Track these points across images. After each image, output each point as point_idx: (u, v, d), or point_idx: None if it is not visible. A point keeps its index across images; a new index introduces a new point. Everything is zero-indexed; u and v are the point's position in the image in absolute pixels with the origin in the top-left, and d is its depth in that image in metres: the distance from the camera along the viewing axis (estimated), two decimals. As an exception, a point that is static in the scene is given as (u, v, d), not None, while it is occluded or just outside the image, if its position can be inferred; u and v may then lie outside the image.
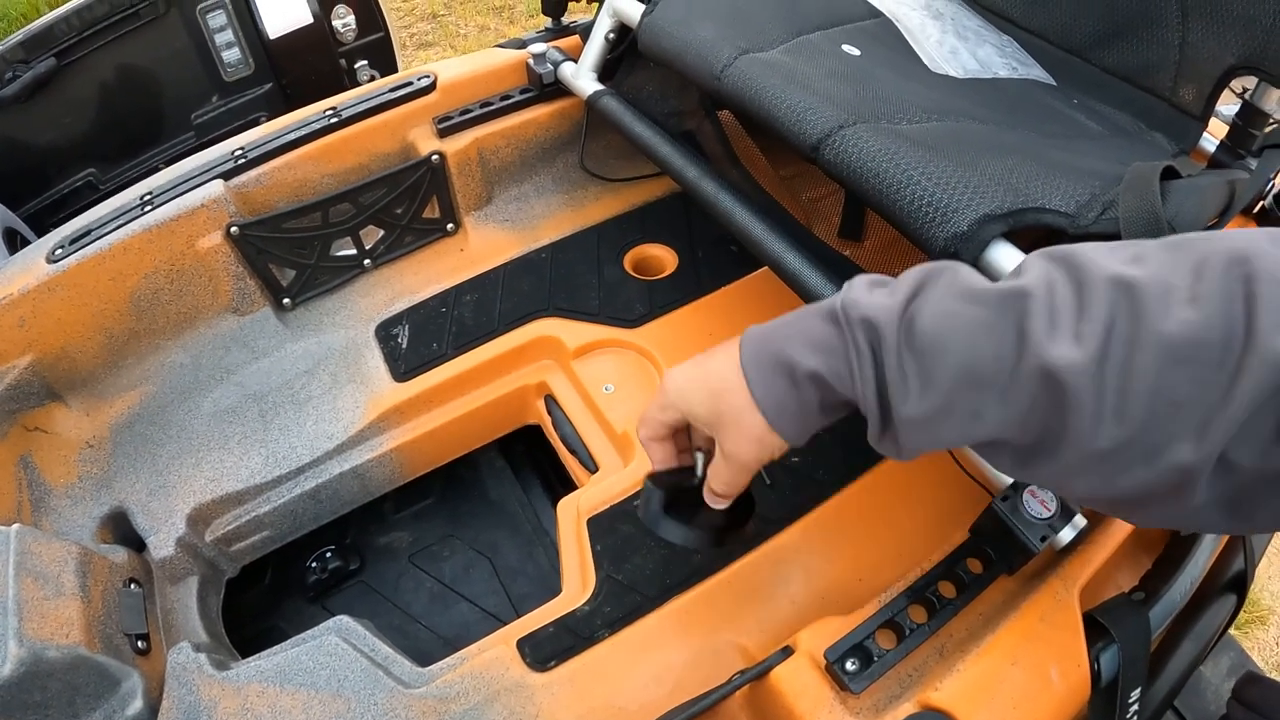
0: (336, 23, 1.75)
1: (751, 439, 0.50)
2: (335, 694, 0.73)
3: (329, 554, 1.13)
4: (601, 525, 0.85)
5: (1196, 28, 0.86)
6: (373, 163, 1.15)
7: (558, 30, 1.30)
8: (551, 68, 1.19)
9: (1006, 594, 0.73)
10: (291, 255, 1.09)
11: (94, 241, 0.98)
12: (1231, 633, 1.19)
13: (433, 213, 1.18)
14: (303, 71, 1.75)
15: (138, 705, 0.73)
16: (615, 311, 1.07)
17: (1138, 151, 0.86)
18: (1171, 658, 0.74)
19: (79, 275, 0.96)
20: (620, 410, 0.96)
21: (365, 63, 1.83)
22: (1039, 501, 0.70)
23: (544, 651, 0.75)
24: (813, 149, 0.81)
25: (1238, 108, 0.89)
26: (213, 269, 1.04)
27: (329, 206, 1.08)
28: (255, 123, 1.69)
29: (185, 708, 0.73)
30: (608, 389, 0.99)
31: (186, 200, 1.01)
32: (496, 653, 0.75)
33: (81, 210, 1.08)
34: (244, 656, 0.80)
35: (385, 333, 1.07)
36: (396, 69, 1.89)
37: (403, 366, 1.02)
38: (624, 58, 1.18)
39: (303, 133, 1.10)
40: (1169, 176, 0.70)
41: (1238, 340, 0.32)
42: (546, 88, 1.20)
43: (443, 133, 1.15)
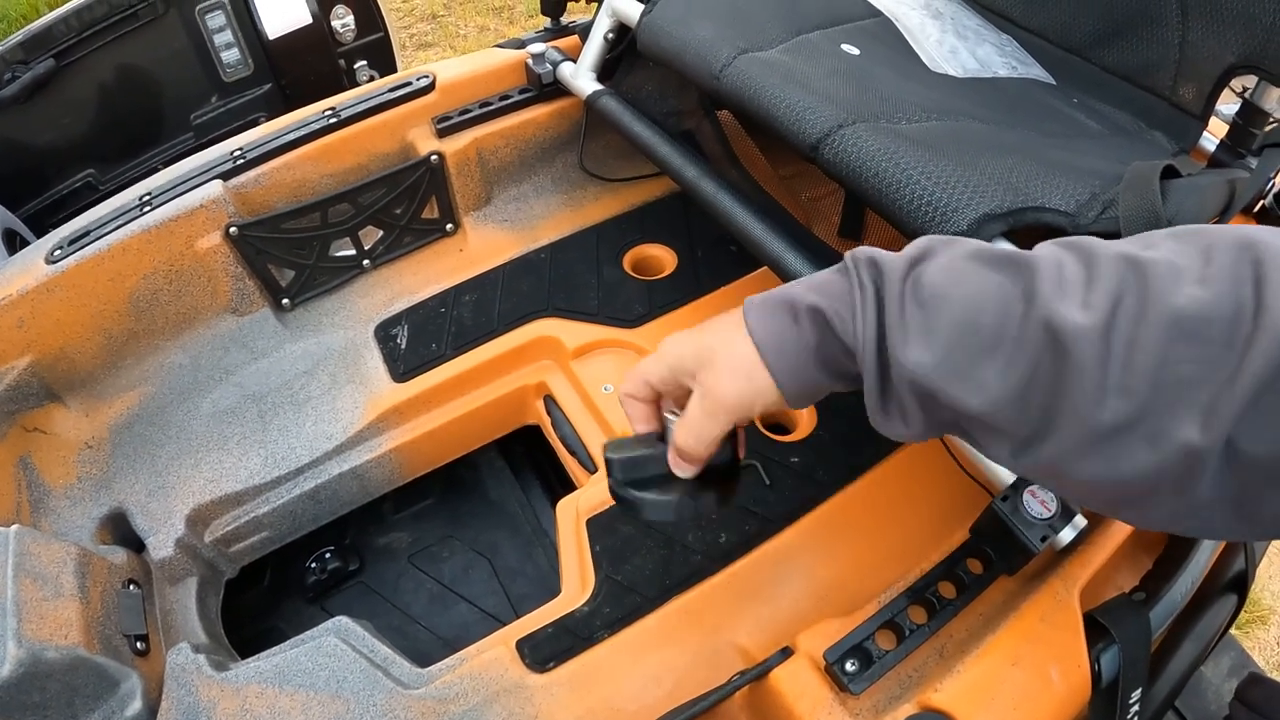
0: (336, 23, 1.75)
1: (737, 373, 0.46)
2: (334, 695, 0.73)
3: (328, 555, 1.13)
4: (601, 526, 0.85)
5: (1196, 26, 0.86)
6: (372, 163, 1.15)
7: (557, 30, 1.30)
8: (550, 68, 1.18)
9: (1007, 594, 0.73)
10: (290, 256, 1.09)
11: (93, 242, 0.98)
12: (1232, 633, 1.19)
13: (432, 213, 1.18)
14: (302, 72, 1.75)
15: (136, 706, 0.72)
16: (614, 312, 1.07)
17: (1138, 150, 0.86)
18: (1172, 658, 0.73)
19: (78, 276, 0.96)
20: (620, 411, 0.96)
21: (364, 63, 1.83)
22: (1039, 501, 0.69)
23: (543, 652, 0.75)
24: (812, 148, 0.81)
25: (1238, 107, 0.89)
26: (212, 269, 1.04)
27: (328, 207, 1.08)
28: (254, 123, 1.69)
29: (184, 709, 0.73)
30: (607, 389, 0.99)
31: (185, 201, 1.01)
32: (496, 653, 0.75)
33: (80, 211, 1.08)
34: (243, 657, 0.80)
35: (384, 333, 1.07)
36: (396, 69, 1.89)
37: (402, 367, 1.02)
38: (623, 57, 1.18)
39: (302, 133, 1.10)
40: (1169, 175, 0.70)
41: (1246, 318, 0.32)
42: (545, 88, 1.20)
43: (442, 133, 1.15)
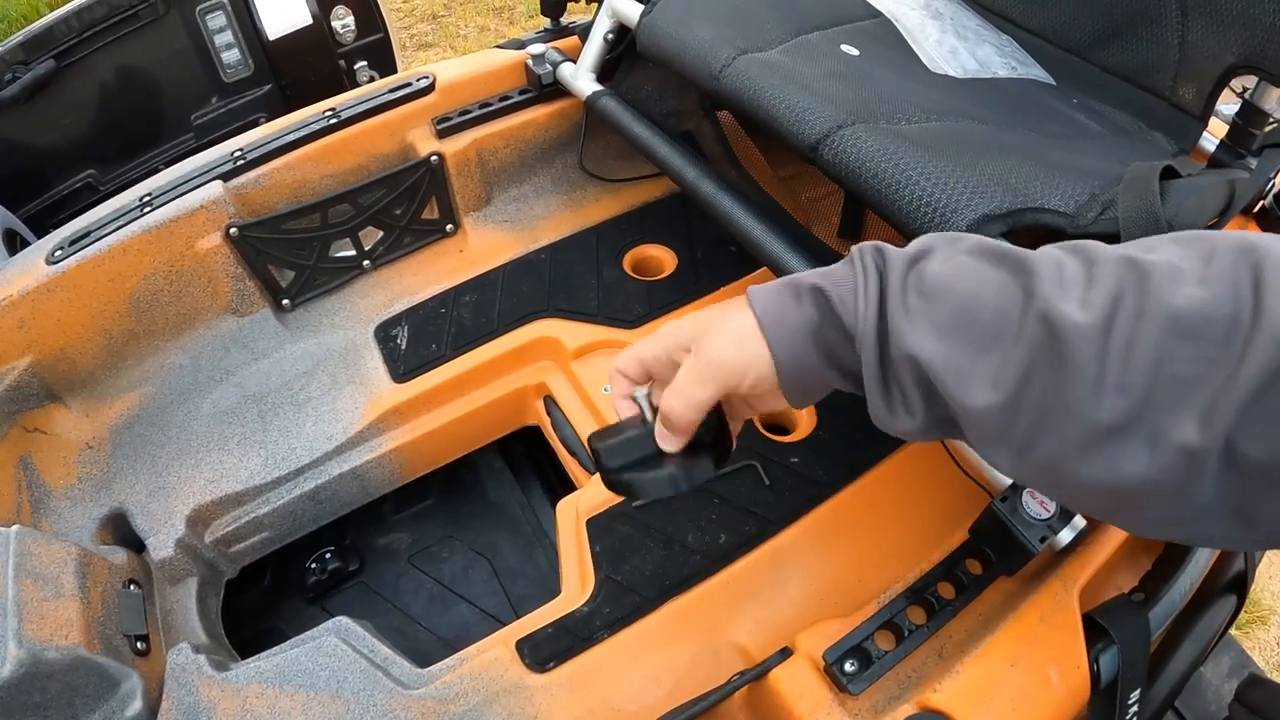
0: (336, 24, 1.75)
1: (731, 337, 0.46)
2: (334, 695, 0.73)
3: (328, 555, 1.13)
4: (601, 526, 0.85)
5: (1196, 27, 0.86)
6: (372, 164, 1.15)
7: (557, 31, 1.30)
8: (550, 68, 1.18)
9: (1006, 595, 0.73)
10: (291, 256, 1.09)
11: (93, 243, 0.98)
12: (1232, 633, 1.19)
13: (432, 213, 1.18)
14: (302, 72, 1.75)
15: (137, 706, 0.73)
16: (614, 312, 1.07)
17: (1137, 151, 0.86)
18: (1172, 659, 0.74)
19: (78, 277, 0.96)
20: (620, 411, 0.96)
21: (365, 63, 1.83)
22: (1038, 502, 0.69)
23: (543, 652, 0.75)
24: (812, 149, 0.81)
25: (1238, 107, 0.89)
26: (212, 270, 1.04)
27: (328, 207, 1.08)
28: (255, 124, 1.69)
29: (185, 709, 0.73)
30: (607, 390, 0.99)
31: (186, 201, 1.01)
32: (496, 654, 0.75)
33: (81, 211, 1.08)
34: (243, 657, 0.80)
35: (384, 334, 1.07)
36: (396, 70, 1.89)
37: (402, 367, 1.02)
38: (623, 58, 1.18)
39: (302, 134, 1.10)
40: (1168, 176, 0.70)
41: (1245, 319, 0.32)
42: (545, 88, 1.20)
43: (442, 133, 1.15)
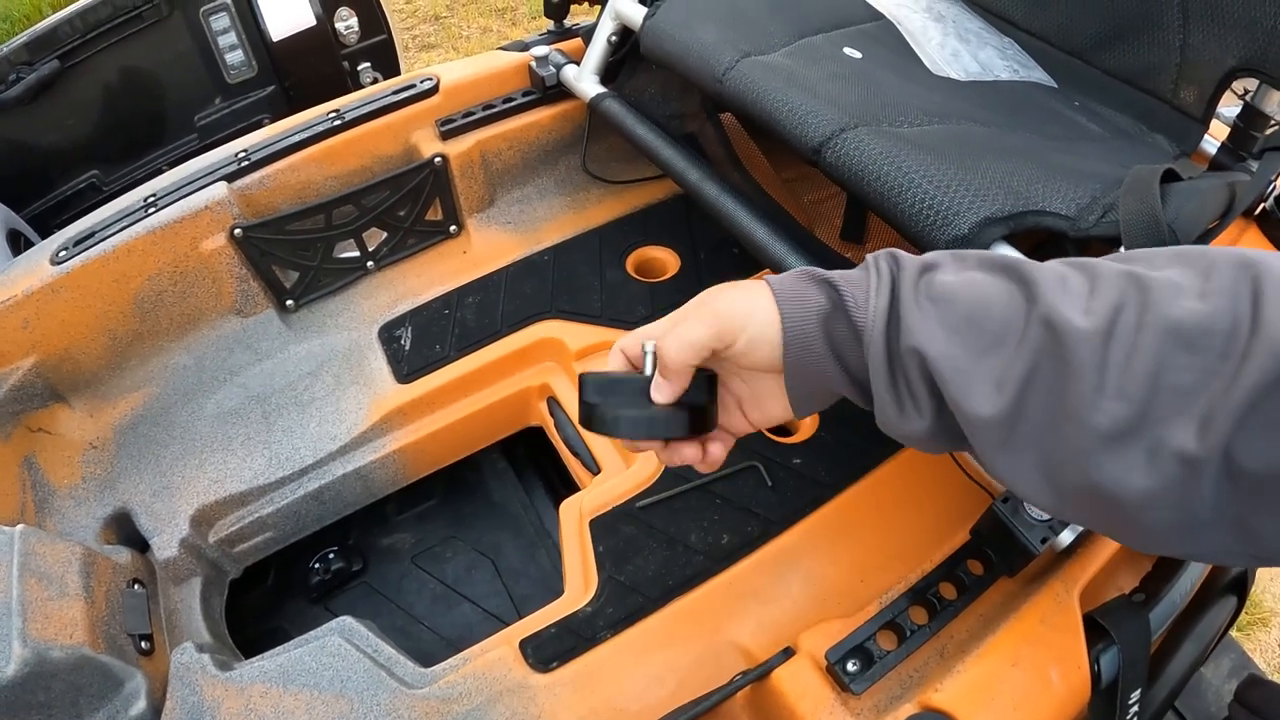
0: (339, 25, 1.75)
1: (741, 294, 0.47)
2: (338, 694, 0.74)
3: (332, 555, 1.13)
4: (604, 527, 0.85)
5: (1197, 30, 0.86)
6: (376, 165, 1.16)
7: (560, 33, 1.30)
8: (554, 70, 1.19)
9: (1007, 595, 0.73)
10: (295, 257, 1.09)
11: (98, 243, 0.98)
12: (1233, 634, 1.19)
13: (435, 215, 1.18)
14: (306, 74, 1.76)
15: (141, 705, 0.73)
16: (617, 313, 1.07)
17: (1139, 154, 0.86)
18: (1172, 659, 0.74)
19: (83, 277, 0.96)
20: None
21: (368, 65, 1.84)
22: (1040, 503, 0.70)
23: (546, 652, 0.76)
24: (814, 152, 0.81)
25: (1239, 110, 0.90)
26: (216, 271, 1.04)
27: (332, 208, 1.09)
28: (258, 125, 1.70)
29: (189, 708, 0.73)
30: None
31: (190, 202, 1.01)
32: (499, 653, 0.76)
33: (85, 212, 1.08)
34: (247, 657, 0.80)
35: (388, 334, 1.07)
36: (399, 71, 1.89)
37: (405, 368, 1.02)
38: (626, 60, 1.19)
39: (306, 135, 1.10)
40: (1169, 179, 0.70)
41: (1243, 331, 0.33)
42: (549, 90, 1.20)
43: (445, 135, 1.15)
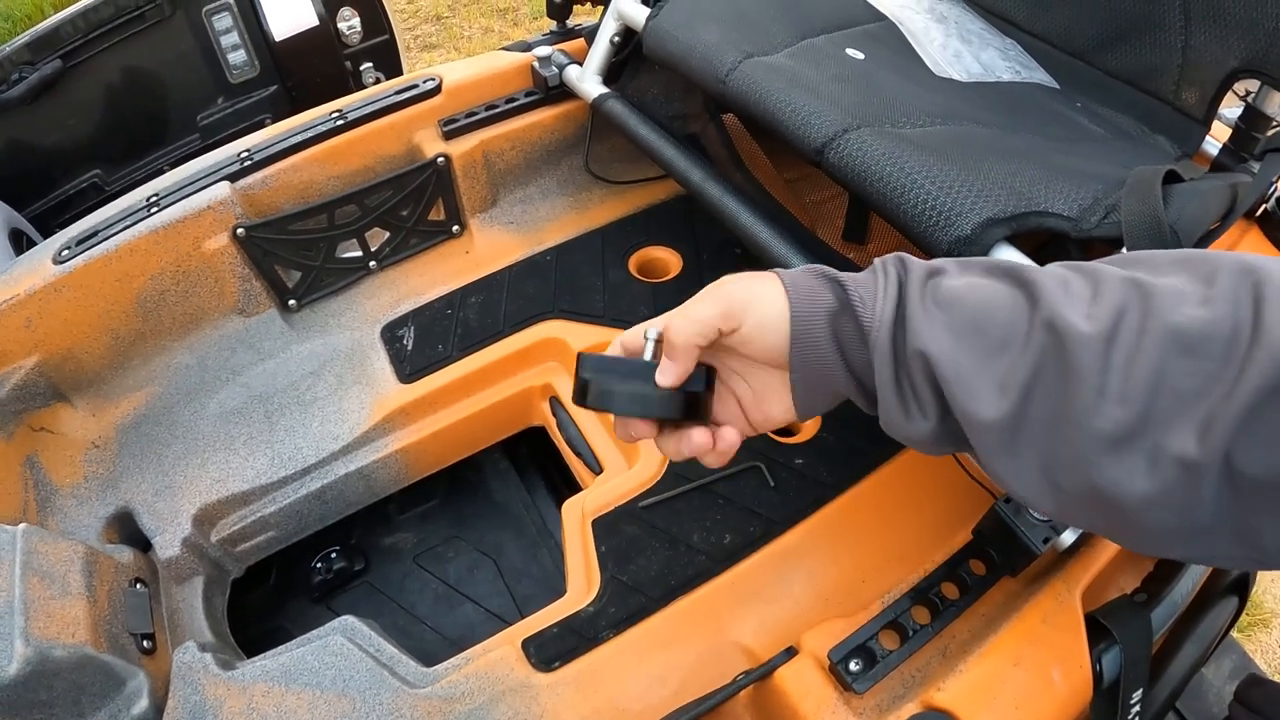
0: (342, 25, 1.75)
1: (751, 280, 0.47)
2: (341, 694, 0.74)
3: (334, 554, 1.13)
4: (606, 527, 0.85)
5: (1199, 31, 0.86)
6: (378, 165, 1.16)
7: (563, 33, 1.30)
8: (556, 71, 1.19)
9: (1009, 595, 0.73)
10: (297, 257, 1.09)
11: (100, 243, 0.98)
12: (1234, 635, 1.19)
13: (438, 215, 1.18)
14: (308, 74, 1.76)
15: (143, 704, 0.73)
16: (620, 314, 1.07)
17: (1140, 155, 0.87)
18: (1173, 659, 0.74)
19: (85, 276, 0.96)
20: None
21: (370, 65, 1.84)
22: (1042, 503, 0.70)
23: (549, 652, 0.76)
24: (817, 153, 0.81)
25: (1240, 111, 0.90)
26: (219, 270, 1.04)
27: (335, 208, 1.09)
28: (260, 125, 1.70)
29: (191, 707, 0.73)
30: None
31: (193, 202, 1.01)
32: (501, 653, 0.76)
33: (87, 211, 1.08)
34: (249, 656, 0.80)
35: (391, 334, 1.07)
36: (401, 71, 1.90)
37: (408, 368, 1.02)
38: (629, 61, 1.19)
39: (309, 135, 1.10)
40: (1171, 180, 0.70)
41: (1244, 337, 0.33)
42: (551, 90, 1.20)
43: (448, 135, 1.15)
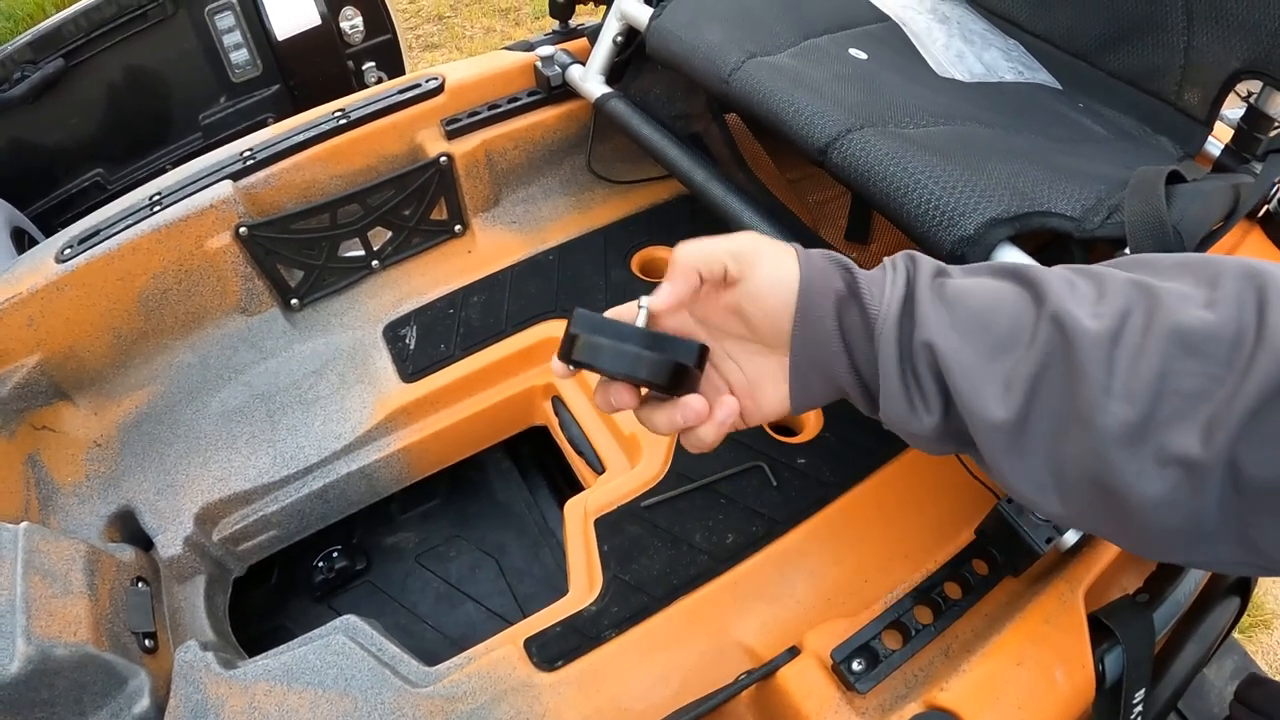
0: (344, 24, 1.76)
1: (768, 240, 0.46)
2: (342, 693, 0.74)
3: (336, 554, 1.14)
4: (609, 526, 0.85)
5: (1201, 32, 0.87)
6: (381, 164, 1.16)
7: (565, 33, 1.30)
8: (559, 70, 1.19)
9: (1012, 595, 0.73)
10: (300, 256, 1.09)
11: (103, 241, 0.98)
12: (1235, 636, 1.19)
13: (440, 214, 1.18)
14: (310, 73, 1.76)
15: (145, 703, 0.73)
16: (621, 313, 1.07)
17: (1143, 155, 0.87)
18: (1175, 660, 0.74)
19: (87, 275, 0.96)
20: (627, 413, 0.96)
21: (373, 64, 1.84)
22: (1045, 504, 0.70)
23: (551, 651, 0.76)
24: (820, 152, 0.81)
25: (1242, 112, 0.90)
26: (221, 269, 1.04)
27: (337, 208, 1.09)
28: (263, 124, 1.70)
29: (192, 706, 0.73)
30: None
31: (195, 201, 1.01)
32: (503, 652, 0.76)
33: (89, 210, 1.08)
34: (251, 655, 0.80)
35: (393, 333, 1.07)
36: (404, 71, 1.90)
37: (410, 367, 1.02)
38: (631, 60, 1.19)
39: (311, 134, 1.10)
40: (1174, 181, 0.70)
41: (1248, 339, 0.33)
42: (554, 90, 1.20)
43: (451, 135, 1.15)
